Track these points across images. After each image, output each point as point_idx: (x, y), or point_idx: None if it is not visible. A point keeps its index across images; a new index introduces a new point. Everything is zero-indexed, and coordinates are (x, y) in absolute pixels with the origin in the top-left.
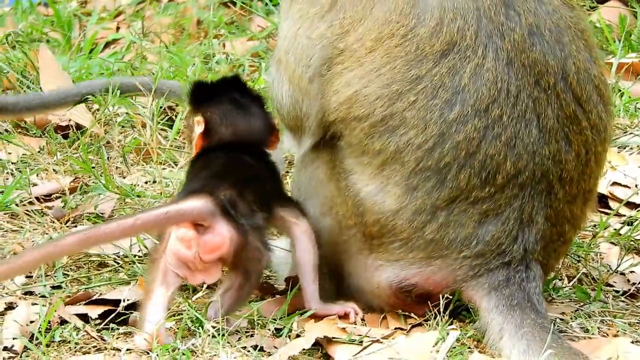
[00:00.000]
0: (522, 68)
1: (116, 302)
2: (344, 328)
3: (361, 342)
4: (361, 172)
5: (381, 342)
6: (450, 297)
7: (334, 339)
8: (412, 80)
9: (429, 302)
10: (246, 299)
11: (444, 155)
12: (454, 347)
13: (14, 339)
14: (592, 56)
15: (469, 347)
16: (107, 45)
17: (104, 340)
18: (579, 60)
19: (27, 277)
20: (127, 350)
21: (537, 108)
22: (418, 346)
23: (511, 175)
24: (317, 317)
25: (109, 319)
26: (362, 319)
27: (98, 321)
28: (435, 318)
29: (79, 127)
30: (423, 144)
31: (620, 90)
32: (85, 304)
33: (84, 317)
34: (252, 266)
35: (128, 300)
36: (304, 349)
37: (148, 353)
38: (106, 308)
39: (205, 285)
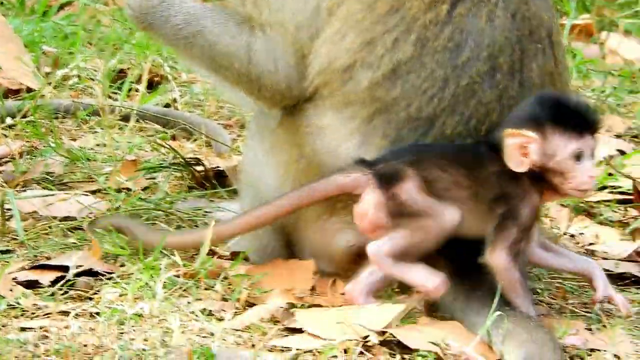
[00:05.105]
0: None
1: (66, 268)
2: (301, 297)
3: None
4: (339, 129)
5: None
6: None
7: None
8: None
9: None
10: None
11: (444, 101)
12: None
13: None
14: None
15: (419, 311)
16: (61, 7)
17: (47, 306)
18: (557, 26)
19: None
20: (75, 315)
21: (524, 60)
22: (371, 311)
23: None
24: None
25: (63, 284)
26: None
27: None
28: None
29: (29, 90)
30: (428, 90)
31: (573, 52)
32: (34, 268)
33: (35, 283)
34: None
35: (79, 267)
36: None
37: (95, 316)
38: (58, 274)
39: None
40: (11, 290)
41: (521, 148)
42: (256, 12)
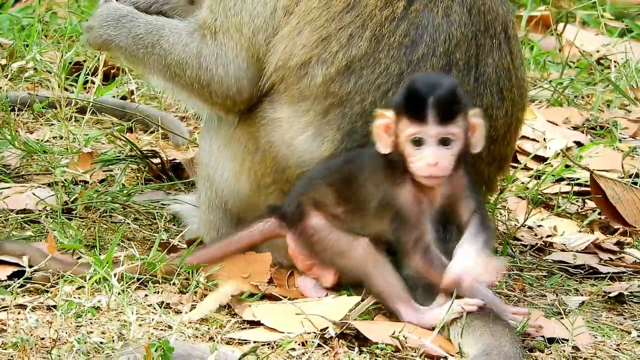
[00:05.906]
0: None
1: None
2: (256, 285)
3: (265, 297)
4: (294, 122)
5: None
6: None
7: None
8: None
9: None
10: None
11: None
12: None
13: None
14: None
15: (375, 307)
16: None
17: (3, 299)
18: (513, 20)
19: None
20: (32, 308)
21: (480, 55)
22: (328, 304)
23: None
24: None
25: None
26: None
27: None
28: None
29: None
30: (382, 85)
31: (530, 43)
32: None
33: None
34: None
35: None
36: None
37: (53, 309)
38: (15, 267)
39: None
40: None
41: (384, 129)
42: (210, 17)
